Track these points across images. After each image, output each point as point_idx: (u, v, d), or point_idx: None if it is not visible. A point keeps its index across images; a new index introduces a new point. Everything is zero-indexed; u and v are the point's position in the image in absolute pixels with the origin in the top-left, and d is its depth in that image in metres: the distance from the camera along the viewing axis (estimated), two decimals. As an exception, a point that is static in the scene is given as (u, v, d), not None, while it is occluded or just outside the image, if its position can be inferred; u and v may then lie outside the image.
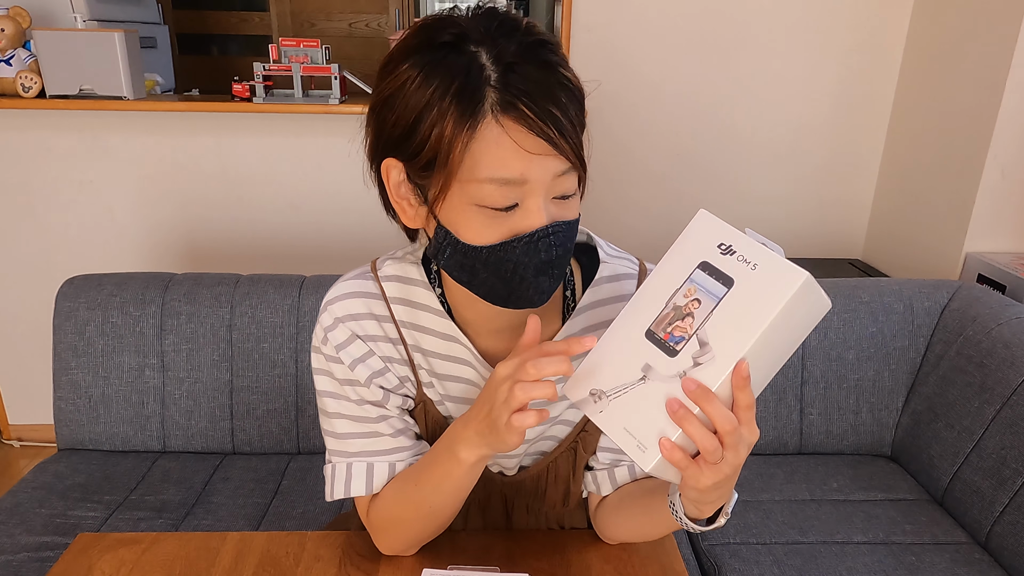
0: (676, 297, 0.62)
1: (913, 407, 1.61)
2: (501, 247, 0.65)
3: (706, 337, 0.59)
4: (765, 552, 1.35)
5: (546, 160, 0.63)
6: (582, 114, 0.66)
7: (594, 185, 0.73)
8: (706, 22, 2.22)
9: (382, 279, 0.80)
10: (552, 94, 0.62)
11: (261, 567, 0.81)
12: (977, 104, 1.90)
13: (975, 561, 1.33)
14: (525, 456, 0.85)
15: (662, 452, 0.60)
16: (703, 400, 0.57)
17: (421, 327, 0.79)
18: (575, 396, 0.66)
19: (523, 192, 0.64)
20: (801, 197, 2.40)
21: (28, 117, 2.11)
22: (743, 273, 0.59)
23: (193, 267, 2.27)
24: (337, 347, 0.77)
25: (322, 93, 2.12)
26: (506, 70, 0.62)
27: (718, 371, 0.58)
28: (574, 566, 0.81)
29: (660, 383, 0.61)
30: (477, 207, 0.64)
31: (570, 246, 0.69)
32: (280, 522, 1.41)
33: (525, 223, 0.65)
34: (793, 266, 0.58)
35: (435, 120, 0.63)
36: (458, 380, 0.81)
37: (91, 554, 0.83)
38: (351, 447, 0.80)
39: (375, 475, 0.79)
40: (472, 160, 0.63)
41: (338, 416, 0.80)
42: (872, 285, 1.68)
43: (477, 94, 0.61)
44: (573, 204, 0.68)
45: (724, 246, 0.61)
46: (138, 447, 1.60)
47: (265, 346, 1.57)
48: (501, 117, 0.62)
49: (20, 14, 1.99)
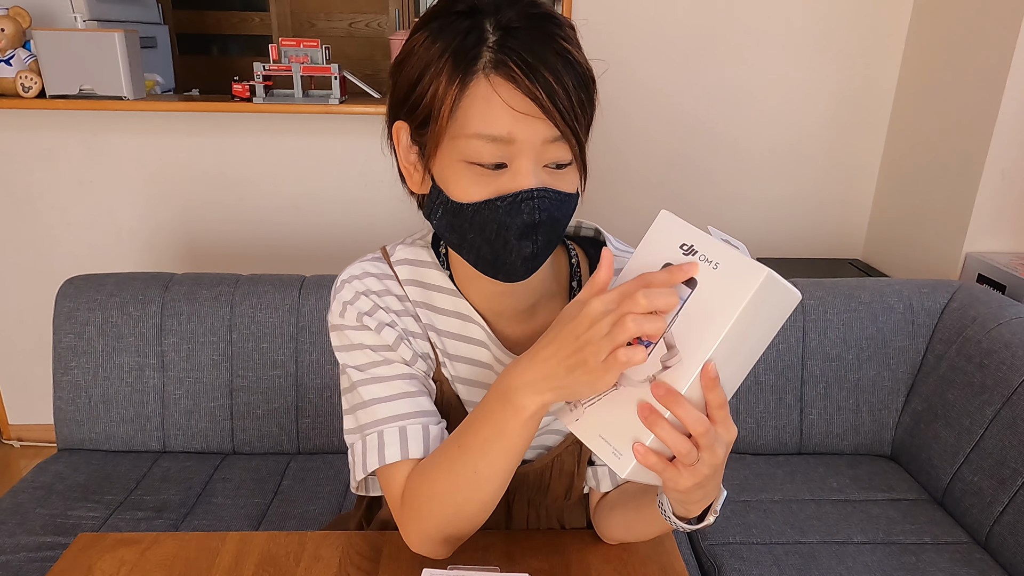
0: None
1: (913, 407, 1.61)
2: (486, 205, 0.66)
3: (673, 340, 0.59)
4: (765, 552, 1.35)
5: (535, 122, 0.64)
6: (585, 92, 0.66)
7: (591, 186, 0.73)
8: (706, 22, 2.21)
9: (394, 262, 0.81)
10: (546, 60, 0.63)
11: (261, 567, 0.81)
12: (977, 104, 1.90)
13: (975, 561, 1.33)
14: (529, 449, 0.83)
15: (636, 457, 0.60)
16: (672, 403, 0.57)
17: (435, 307, 0.80)
18: (554, 404, 0.65)
19: (511, 152, 0.65)
20: (801, 197, 2.40)
21: (28, 117, 2.11)
22: (705, 273, 0.59)
23: (193, 267, 2.27)
24: (361, 315, 0.76)
25: (322, 93, 2.12)
26: (505, 34, 0.64)
27: (686, 373, 0.58)
28: (574, 566, 0.81)
29: (632, 388, 0.61)
30: (466, 164, 0.66)
31: (559, 216, 0.68)
32: (280, 522, 1.41)
33: (512, 184, 0.65)
34: (754, 263, 0.57)
35: (432, 77, 0.65)
36: (471, 362, 0.81)
37: (91, 554, 0.83)
38: (379, 413, 0.74)
39: (409, 438, 0.73)
40: (463, 116, 0.64)
41: (363, 384, 0.75)
42: (872, 285, 1.68)
43: (472, 52, 0.64)
44: (567, 177, 0.68)
45: (686, 247, 0.61)
46: (138, 447, 1.60)
47: (265, 346, 1.57)
48: (492, 75, 0.63)
49: (20, 14, 1.99)
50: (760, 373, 1.64)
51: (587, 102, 0.67)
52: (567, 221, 0.71)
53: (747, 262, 0.58)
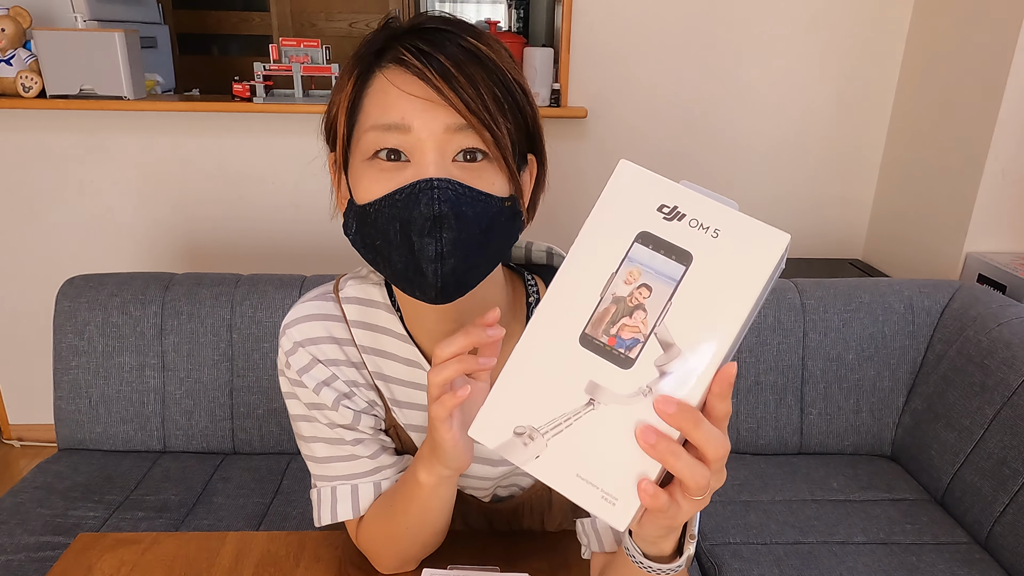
0: (614, 285, 0.47)
1: (913, 407, 1.61)
2: (385, 200, 0.60)
3: (669, 335, 0.45)
4: (765, 552, 1.35)
5: (434, 108, 0.59)
6: (501, 90, 0.61)
7: (590, 187, 0.72)
8: (706, 22, 2.21)
9: (343, 300, 0.76)
10: (445, 48, 0.60)
11: (261, 567, 0.81)
12: (977, 104, 1.90)
13: (975, 561, 1.33)
14: (499, 487, 0.83)
15: (643, 499, 0.45)
16: (689, 423, 0.45)
17: (383, 352, 0.76)
18: (492, 439, 0.49)
19: (411, 143, 0.60)
20: (801, 197, 2.40)
21: (28, 117, 2.11)
22: (702, 243, 0.46)
23: (193, 267, 2.27)
24: (299, 371, 0.74)
25: (322, 93, 2.12)
26: (410, 33, 0.62)
27: (696, 380, 0.45)
28: (574, 566, 0.81)
29: (618, 407, 0.46)
30: (368, 162, 0.62)
31: (468, 214, 0.60)
32: (280, 522, 1.41)
33: (414, 177, 0.60)
34: (769, 227, 0.46)
35: (339, 89, 0.65)
36: (423, 408, 0.77)
37: (91, 554, 0.83)
38: (333, 471, 0.77)
39: (360, 497, 0.76)
40: (363, 114, 0.63)
41: (314, 440, 0.77)
42: (872, 285, 1.68)
43: (374, 53, 0.63)
44: (484, 174, 0.61)
45: (668, 208, 0.47)
46: (138, 447, 1.60)
47: (265, 346, 1.57)
48: (387, 68, 0.62)
49: (20, 14, 1.99)
50: (760, 373, 1.64)
51: (505, 100, 0.61)
52: (488, 225, 0.62)
53: (758, 225, 0.46)
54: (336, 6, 4.30)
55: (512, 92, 0.62)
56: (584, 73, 2.23)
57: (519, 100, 0.63)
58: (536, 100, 0.67)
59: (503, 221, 0.63)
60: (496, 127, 0.60)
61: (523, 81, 0.64)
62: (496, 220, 0.62)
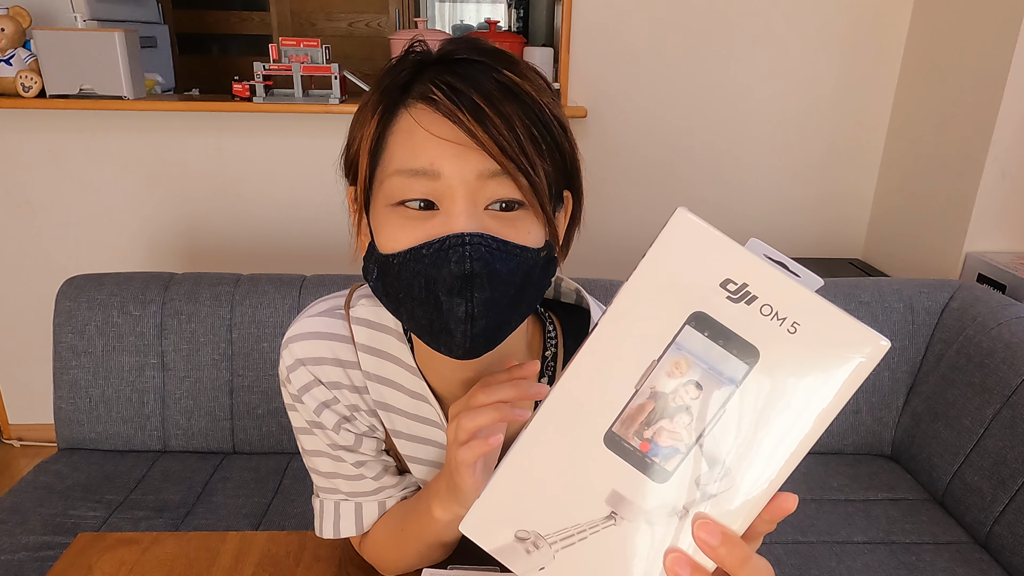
0: (655, 377, 0.38)
1: (913, 407, 1.61)
2: (410, 254, 0.56)
3: (718, 450, 0.37)
4: (765, 552, 1.33)
5: (465, 153, 0.54)
6: (540, 129, 0.56)
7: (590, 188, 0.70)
8: (705, 22, 2.21)
9: (353, 321, 0.71)
10: (479, 85, 0.54)
11: (261, 567, 0.81)
12: (977, 103, 1.90)
13: (975, 561, 1.33)
14: None
15: None
16: (736, 562, 0.39)
17: (389, 381, 0.72)
18: (489, 540, 0.42)
19: (441, 191, 0.55)
20: (801, 197, 2.40)
21: (28, 117, 2.11)
22: (775, 338, 0.37)
23: (193, 267, 2.27)
24: (300, 389, 0.71)
25: (322, 93, 2.12)
26: (440, 66, 0.57)
27: (745, 507, 0.38)
28: (574, 566, 0.81)
29: (646, 526, 0.39)
30: (393, 208, 0.57)
31: (503, 271, 0.55)
32: (280, 522, 1.41)
33: (443, 229, 0.55)
34: (866, 329, 0.37)
35: (362, 122, 0.60)
36: (424, 441, 0.74)
37: (91, 554, 0.83)
38: (336, 486, 0.76)
39: (364, 515, 0.76)
40: (388, 155, 0.57)
41: (317, 455, 0.75)
42: (872, 285, 1.68)
43: (401, 87, 0.58)
44: (520, 224, 0.56)
45: (735, 286, 0.37)
46: (138, 447, 1.60)
47: (265, 346, 1.57)
48: (415, 106, 0.56)
49: (20, 14, 1.99)
50: (760, 373, 1.63)
51: (543, 140, 0.56)
52: (522, 281, 0.57)
53: (851, 324, 0.37)
54: (336, 6, 4.30)
55: (551, 129, 0.57)
56: (584, 73, 2.23)
57: (557, 137, 0.58)
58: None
59: (538, 273, 0.59)
60: (533, 172, 0.55)
61: (562, 116, 0.59)
62: (531, 274, 0.58)
